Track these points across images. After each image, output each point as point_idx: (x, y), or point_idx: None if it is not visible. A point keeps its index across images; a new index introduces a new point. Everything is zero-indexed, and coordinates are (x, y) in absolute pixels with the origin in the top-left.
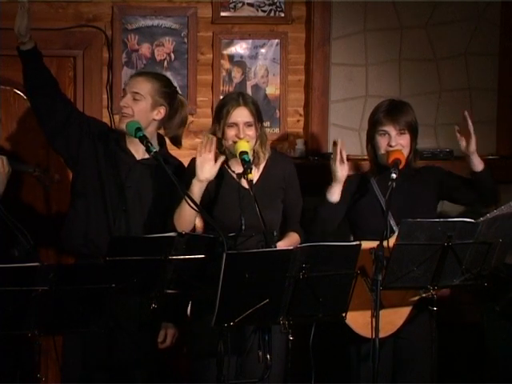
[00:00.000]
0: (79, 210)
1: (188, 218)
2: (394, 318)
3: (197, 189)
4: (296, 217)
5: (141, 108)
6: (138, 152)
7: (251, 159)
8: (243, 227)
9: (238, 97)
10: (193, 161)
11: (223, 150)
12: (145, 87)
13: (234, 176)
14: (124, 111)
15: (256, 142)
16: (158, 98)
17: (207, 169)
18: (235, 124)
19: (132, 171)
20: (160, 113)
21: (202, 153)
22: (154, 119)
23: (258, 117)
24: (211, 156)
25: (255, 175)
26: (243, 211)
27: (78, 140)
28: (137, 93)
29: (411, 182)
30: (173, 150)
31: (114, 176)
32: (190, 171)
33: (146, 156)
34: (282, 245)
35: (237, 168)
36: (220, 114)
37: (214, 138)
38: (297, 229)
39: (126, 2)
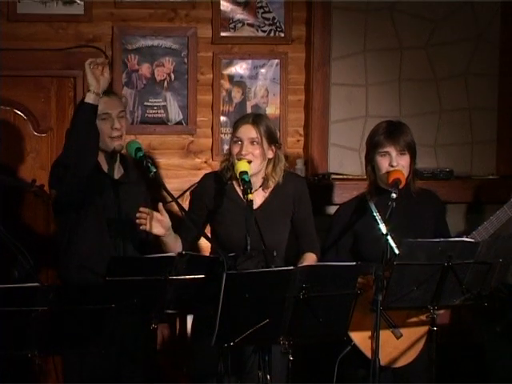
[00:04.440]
0: (75, 240)
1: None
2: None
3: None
4: (309, 235)
5: (125, 124)
6: (111, 172)
7: (262, 181)
8: (248, 247)
9: (250, 115)
10: (205, 176)
11: (232, 167)
12: (121, 104)
13: (241, 195)
14: (118, 134)
15: (268, 166)
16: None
17: (156, 226)
18: (240, 140)
19: (121, 193)
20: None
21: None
22: None
23: (269, 139)
24: (160, 217)
25: (265, 196)
26: (248, 231)
27: None
28: (122, 111)
29: (410, 203)
30: (173, 171)
31: (105, 200)
32: (200, 186)
33: (120, 174)
34: None
35: None
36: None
37: None
38: (313, 249)
39: (126, 22)
